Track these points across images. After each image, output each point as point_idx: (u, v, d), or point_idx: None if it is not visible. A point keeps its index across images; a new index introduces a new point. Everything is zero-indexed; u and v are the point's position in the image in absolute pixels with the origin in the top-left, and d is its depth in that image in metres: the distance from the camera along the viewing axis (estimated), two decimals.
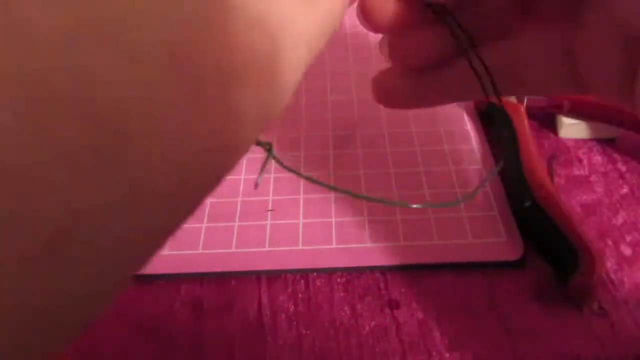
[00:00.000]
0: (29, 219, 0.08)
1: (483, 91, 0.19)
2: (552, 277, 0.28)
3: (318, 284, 0.29)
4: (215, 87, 0.11)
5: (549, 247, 0.28)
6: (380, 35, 0.20)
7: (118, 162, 0.09)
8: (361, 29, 0.19)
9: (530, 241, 0.29)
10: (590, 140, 0.36)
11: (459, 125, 0.37)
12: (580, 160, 0.34)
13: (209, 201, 0.33)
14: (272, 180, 0.34)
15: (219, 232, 0.31)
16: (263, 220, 0.32)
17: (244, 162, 0.35)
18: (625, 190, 0.32)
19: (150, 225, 0.11)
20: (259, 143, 0.18)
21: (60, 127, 0.08)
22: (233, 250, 0.30)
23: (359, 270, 0.29)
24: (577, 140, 0.36)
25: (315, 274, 0.29)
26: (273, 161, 0.35)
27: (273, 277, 0.29)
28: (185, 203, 0.12)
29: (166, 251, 0.30)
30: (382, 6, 0.17)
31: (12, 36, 0.08)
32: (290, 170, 0.19)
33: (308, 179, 0.27)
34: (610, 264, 0.29)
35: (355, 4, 0.18)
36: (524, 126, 0.33)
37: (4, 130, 0.08)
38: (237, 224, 0.32)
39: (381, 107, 0.39)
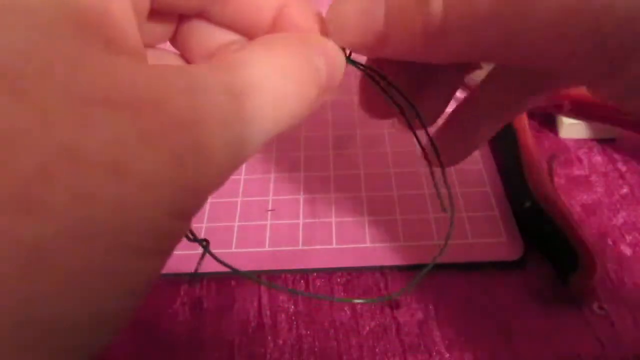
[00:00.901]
0: None
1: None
2: (552, 277, 0.28)
3: (318, 284, 0.29)
4: None
5: (549, 247, 0.28)
6: None
7: None
8: None
9: (530, 241, 0.29)
10: (590, 140, 0.36)
11: None
12: (580, 160, 0.34)
13: (209, 201, 0.33)
14: (272, 180, 0.34)
15: (219, 232, 0.31)
16: (263, 220, 0.32)
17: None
18: (625, 190, 0.32)
19: None
20: (195, 239, 0.18)
21: None
22: (233, 250, 0.30)
23: (359, 270, 0.29)
24: (577, 140, 0.36)
25: (315, 274, 0.29)
26: (274, 161, 0.35)
27: (273, 277, 0.29)
28: None
29: None
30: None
31: None
32: (225, 265, 0.20)
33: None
34: (610, 264, 0.29)
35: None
36: (524, 126, 0.33)
37: None
38: (237, 224, 0.32)
39: None
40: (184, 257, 0.30)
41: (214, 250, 0.30)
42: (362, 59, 0.20)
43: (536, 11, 0.13)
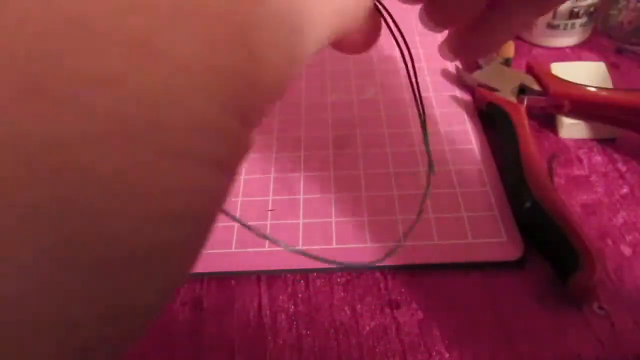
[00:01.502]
0: None
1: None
2: (552, 277, 0.28)
3: (318, 284, 0.29)
4: None
5: (549, 247, 0.28)
6: None
7: None
8: None
9: (530, 241, 0.29)
10: (590, 140, 0.36)
11: (459, 125, 0.37)
12: (580, 160, 0.34)
13: None
14: (272, 180, 0.34)
15: (219, 232, 0.31)
16: (263, 220, 0.32)
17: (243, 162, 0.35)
18: (625, 190, 0.32)
19: None
20: None
21: None
22: (233, 250, 0.30)
23: (359, 270, 0.29)
24: (577, 140, 0.36)
25: (315, 274, 0.29)
26: (274, 161, 0.35)
27: (273, 277, 0.29)
28: None
29: None
30: None
31: None
32: None
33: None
34: (610, 264, 0.29)
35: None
36: (524, 126, 0.33)
37: None
38: (237, 224, 0.32)
39: (381, 107, 0.39)
40: None
41: (214, 250, 0.30)
42: None
43: None
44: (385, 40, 0.44)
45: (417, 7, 0.22)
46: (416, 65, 0.22)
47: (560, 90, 0.35)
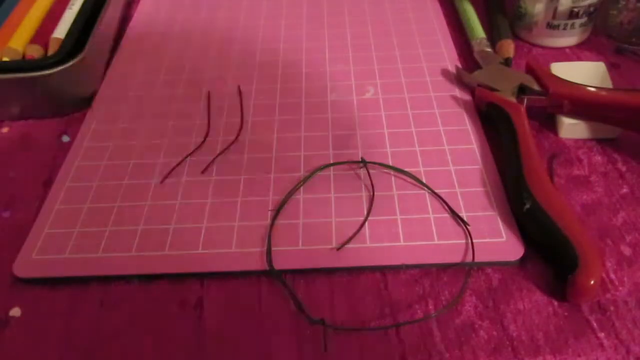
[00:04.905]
0: None
1: None
2: (552, 277, 0.28)
3: (318, 284, 0.29)
4: None
5: (549, 247, 0.28)
6: None
7: None
8: (361, 30, 0.19)
9: (530, 241, 0.29)
10: (590, 140, 0.36)
11: (459, 125, 0.37)
12: (580, 160, 0.34)
13: (208, 201, 0.33)
14: (272, 180, 0.34)
15: (219, 232, 0.31)
16: (263, 221, 0.32)
17: (244, 162, 0.35)
18: (625, 190, 0.32)
19: None
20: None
21: None
22: (233, 250, 0.30)
23: (359, 270, 0.29)
24: (577, 140, 0.36)
25: (315, 274, 0.29)
26: (274, 161, 0.35)
27: (273, 277, 0.29)
28: None
29: (166, 251, 0.30)
30: None
31: None
32: None
33: None
34: (610, 264, 0.29)
35: None
36: (524, 126, 0.33)
37: None
38: (237, 224, 0.32)
39: (381, 107, 0.39)
40: (184, 257, 0.30)
41: (214, 250, 0.30)
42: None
43: None
44: (385, 40, 0.45)
45: (413, 5, 0.22)
46: (416, 65, 0.22)
47: (560, 90, 0.35)
